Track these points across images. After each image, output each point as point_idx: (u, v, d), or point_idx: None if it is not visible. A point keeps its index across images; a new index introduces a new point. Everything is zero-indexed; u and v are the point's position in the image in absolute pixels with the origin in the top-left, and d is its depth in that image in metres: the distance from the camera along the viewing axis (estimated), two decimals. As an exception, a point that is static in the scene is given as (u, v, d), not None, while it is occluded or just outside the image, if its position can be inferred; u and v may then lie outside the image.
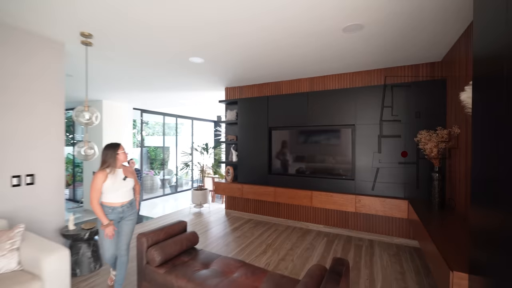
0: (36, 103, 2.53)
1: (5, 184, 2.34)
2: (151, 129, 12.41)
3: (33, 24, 2.32)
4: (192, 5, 1.98)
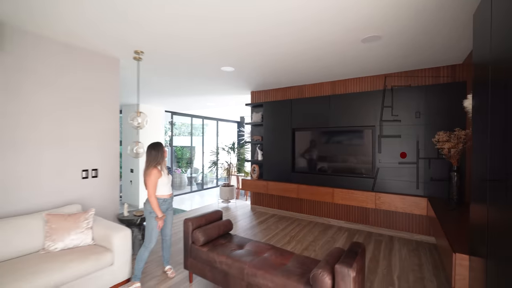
0: (98, 111, 3.06)
1: (77, 177, 2.88)
2: (177, 130, 13.14)
3: (99, 46, 2.84)
4: (228, 30, 2.35)
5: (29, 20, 2.27)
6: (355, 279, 1.55)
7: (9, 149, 2.37)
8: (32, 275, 1.85)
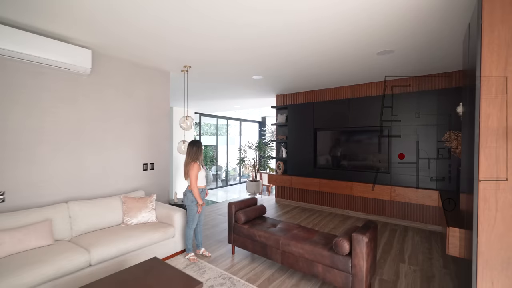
0: (155, 115, 3.74)
1: (140, 169, 3.57)
2: (202, 129, 13.96)
3: (156, 63, 3.50)
4: (259, 44, 2.90)
5: (113, 48, 2.96)
6: (368, 244, 2.05)
7: (99, 148, 3.10)
8: (125, 238, 2.52)
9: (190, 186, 2.95)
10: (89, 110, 3.02)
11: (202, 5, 2.00)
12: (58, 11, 2.14)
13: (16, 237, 2.15)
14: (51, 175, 2.72)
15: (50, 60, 2.54)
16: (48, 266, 1.99)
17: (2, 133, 2.40)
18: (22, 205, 2.52)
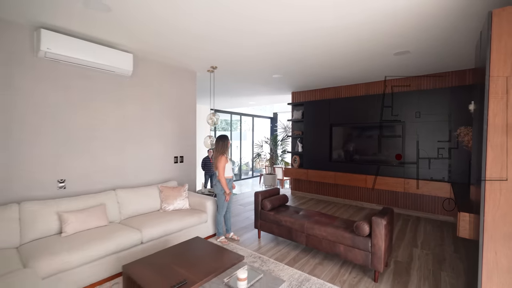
0: (183, 112, 4.07)
1: (171, 162, 3.91)
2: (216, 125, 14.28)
3: (185, 64, 3.81)
4: (283, 48, 3.16)
5: (150, 52, 3.28)
6: (386, 226, 2.32)
7: (138, 143, 3.45)
8: (167, 221, 2.87)
9: (218, 177, 3.27)
10: (130, 108, 3.36)
11: (232, 18, 2.28)
12: (106, 20, 2.46)
13: (81, 218, 2.51)
14: (101, 166, 3.08)
15: (99, 64, 2.88)
16: (110, 242, 2.34)
17: (62, 130, 2.76)
18: (79, 191, 2.89)
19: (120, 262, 2.42)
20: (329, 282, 2.37)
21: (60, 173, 2.75)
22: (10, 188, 2.44)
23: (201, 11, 2.20)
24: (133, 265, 1.97)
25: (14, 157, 2.46)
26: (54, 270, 1.98)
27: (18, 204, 2.35)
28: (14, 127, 2.45)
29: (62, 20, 2.41)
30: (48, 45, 2.48)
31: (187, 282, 1.73)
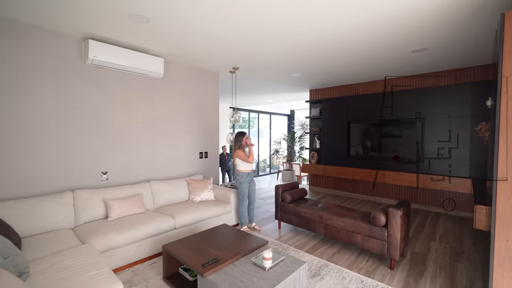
0: (207, 110, 4.35)
1: (197, 156, 4.22)
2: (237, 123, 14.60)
3: (209, 65, 4.08)
4: (300, 46, 3.32)
5: (178, 56, 3.57)
6: (402, 217, 2.44)
7: (167, 139, 3.77)
8: (196, 210, 3.16)
9: (239, 170, 3.52)
10: (160, 108, 3.68)
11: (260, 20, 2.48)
12: (144, 30, 2.75)
13: (123, 205, 2.86)
14: (137, 160, 3.43)
15: (135, 68, 3.20)
16: (150, 225, 2.66)
17: (105, 127, 3.12)
18: (119, 182, 3.25)
19: (157, 245, 2.73)
20: (346, 268, 2.54)
21: (103, 166, 3.12)
22: (66, 177, 2.82)
23: (224, 13, 2.42)
24: (172, 244, 2.25)
25: (69, 151, 2.84)
26: (106, 247, 2.32)
27: (72, 191, 2.73)
28: (69, 125, 2.83)
29: (107, 31, 2.74)
30: (95, 54, 2.82)
31: (219, 259, 1.99)
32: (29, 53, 2.57)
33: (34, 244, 2.12)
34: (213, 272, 1.85)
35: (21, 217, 2.31)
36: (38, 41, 2.62)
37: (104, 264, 1.81)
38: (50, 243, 2.15)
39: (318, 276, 2.38)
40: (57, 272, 1.67)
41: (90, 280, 1.59)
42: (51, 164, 2.72)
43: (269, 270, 1.89)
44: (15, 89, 2.50)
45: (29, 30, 2.56)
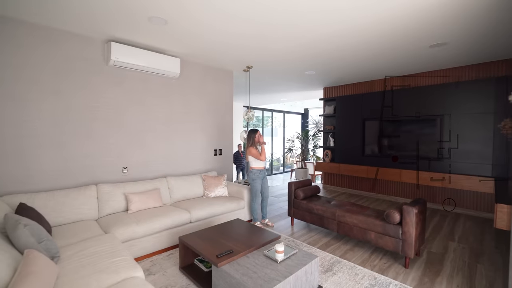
0: (221, 108, 4.45)
1: (212, 154, 4.32)
2: (250, 121, 14.67)
3: (223, 64, 4.16)
4: (315, 45, 3.32)
5: (193, 55, 3.68)
6: (417, 215, 2.40)
7: (183, 136, 3.90)
8: (211, 205, 3.25)
9: (251, 167, 3.59)
10: (176, 106, 3.82)
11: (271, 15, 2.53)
12: (161, 32, 2.87)
13: (142, 199, 3.00)
14: (154, 156, 3.58)
15: (153, 68, 3.33)
16: (167, 218, 2.78)
17: (124, 125, 3.29)
18: (137, 177, 3.41)
19: (174, 237, 2.85)
20: (359, 265, 2.53)
21: (124, 161, 3.28)
22: (91, 172, 3.01)
23: (237, 9, 2.49)
24: (188, 236, 2.36)
25: (93, 147, 3.02)
26: (127, 238, 2.46)
27: (96, 185, 2.90)
28: (93, 122, 3.01)
29: (128, 34, 2.88)
30: (116, 55, 2.98)
31: (233, 251, 2.06)
32: (60, 57, 2.77)
33: (62, 233, 2.29)
34: (227, 262, 1.92)
35: (51, 208, 2.50)
36: (67, 45, 2.81)
37: (126, 252, 1.94)
38: (76, 232, 2.32)
39: (330, 272, 2.39)
40: (84, 257, 1.81)
41: (114, 265, 1.71)
42: (78, 159, 2.91)
43: (281, 263, 1.93)
44: (47, 89, 2.70)
45: (60, 35, 2.75)
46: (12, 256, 1.45)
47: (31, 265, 1.33)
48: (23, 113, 2.57)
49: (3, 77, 2.46)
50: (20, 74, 2.54)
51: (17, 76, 2.53)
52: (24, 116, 2.58)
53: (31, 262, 1.35)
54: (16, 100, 2.53)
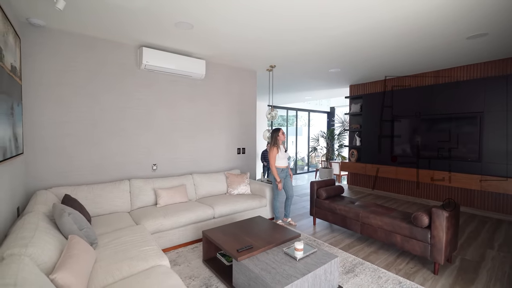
0: (245, 108, 4.53)
1: (235, 152, 4.43)
2: (274, 120, 14.65)
3: (247, 64, 4.24)
4: (343, 40, 3.24)
5: (218, 57, 3.81)
6: (448, 219, 2.26)
7: (208, 135, 4.05)
8: (234, 202, 3.35)
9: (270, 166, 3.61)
10: (202, 106, 3.97)
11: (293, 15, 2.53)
12: (188, 36, 3.01)
13: (169, 194, 3.19)
14: (180, 154, 3.77)
15: (180, 70, 3.51)
16: (192, 213, 2.93)
17: (154, 124, 3.51)
18: (165, 173, 3.62)
19: (198, 231, 2.99)
20: (383, 268, 2.45)
21: (153, 159, 3.51)
22: (123, 168, 3.27)
23: (263, 7, 2.53)
24: (211, 231, 2.47)
25: (126, 145, 3.27)
26: (155, 229, 2.64)
27: (128, 180, 3.15)
28: (126, 122, 3.26)
29: (157, 39, 3.08)
30: (147, 59, 3.20)
31: (253, 247, 2.12)
32: (96, 62, 3.04)
33: (100, 222, 2.52)
34: (246, 257, 1.98)
35: (91, 200, 2.77)
36: (102, 51, 3.08)
37: (154, 242, 2.09)
38: (112, 222, 2.54)
39: (352, 273, 2.35)
40: (118, 245, 1.99)
41: (143, 254, 1.86)
42: (113, 156, 3.18)
43: (300, 261, 1.95)
44: (85, 92, 2.99)
45: (96, 42, 3.03)
46: (59, 240, 1.66)
47: (74, 248, 1.51)
48: (65, 114, 2.87)
49: (49, 82, 2.77)
50: (62, 79, 2.84)
51: (59, 81, 2.83)
52: (65, 117, 2.87)
53: (74, 246, 1.53)
54: (58, 102, 2.83)
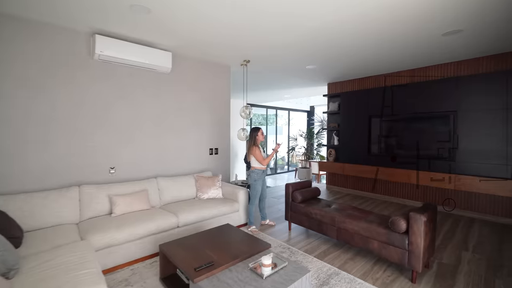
0: (218, 105, 4.23)
1: (207, 153, 4.12)
2: (249, 118, 14.40)
3: (220, 59, 3.94)
4: (318, 35, 3.05)
5: (187, 48, 3.48)
6: (426, 223, 2.12)
7: (176, 134, 3.70)
8: (201, 208, 3.05)
9: (253, 167, 3.38)
10: (168, 102, 3.62)
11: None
12: (147, 22, 2.66)
13: (127, 201, 2.82)
14: (144, 155, 3.40)
15: (142, 63, 3.14)
16: (152, 223, 2.59)
17: (112, 122, 3.11)
18: (125, 178, 3.24)
19: (158, 243, 2.66)
20: (360, 278, 2.28)
21: (112, 161, 3.11)
22: (77, 172, 2.85)
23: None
24: (168, 244, 2.15)
25: (79, 146, 2.85)
26: (105, 244, 2.28)
27: (78, 186, 2.74)
28: (79, 119, 2.85)
29: (112, 25, 2.70)
30: (101, 49, 2.80)
31: (214, 264, 1.84)
32: (44, 51, 2.61)
33: (35, 238, 2.12)
34: (205, 277, 1.71)
35: (29, 211, 2.35)
36: (50, 38, 2.66)
37: (95, 263, 1.75)
38: (50, 238, 2.15)
39: (327, 286, 2.15)
40: (46, 270, 1.63)
41: (74, 280, 1.52)
42: (63, 159, 2.76)
43: (267, 279, 1.70)
44: (32, 85, 2.56)
45: (43, 28, 2.59)
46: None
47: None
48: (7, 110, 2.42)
49: (-24, 72, 2.31)
50: (2, 70, 2.40)
51: None
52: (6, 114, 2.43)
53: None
54: (-10, 96, 2.38)
